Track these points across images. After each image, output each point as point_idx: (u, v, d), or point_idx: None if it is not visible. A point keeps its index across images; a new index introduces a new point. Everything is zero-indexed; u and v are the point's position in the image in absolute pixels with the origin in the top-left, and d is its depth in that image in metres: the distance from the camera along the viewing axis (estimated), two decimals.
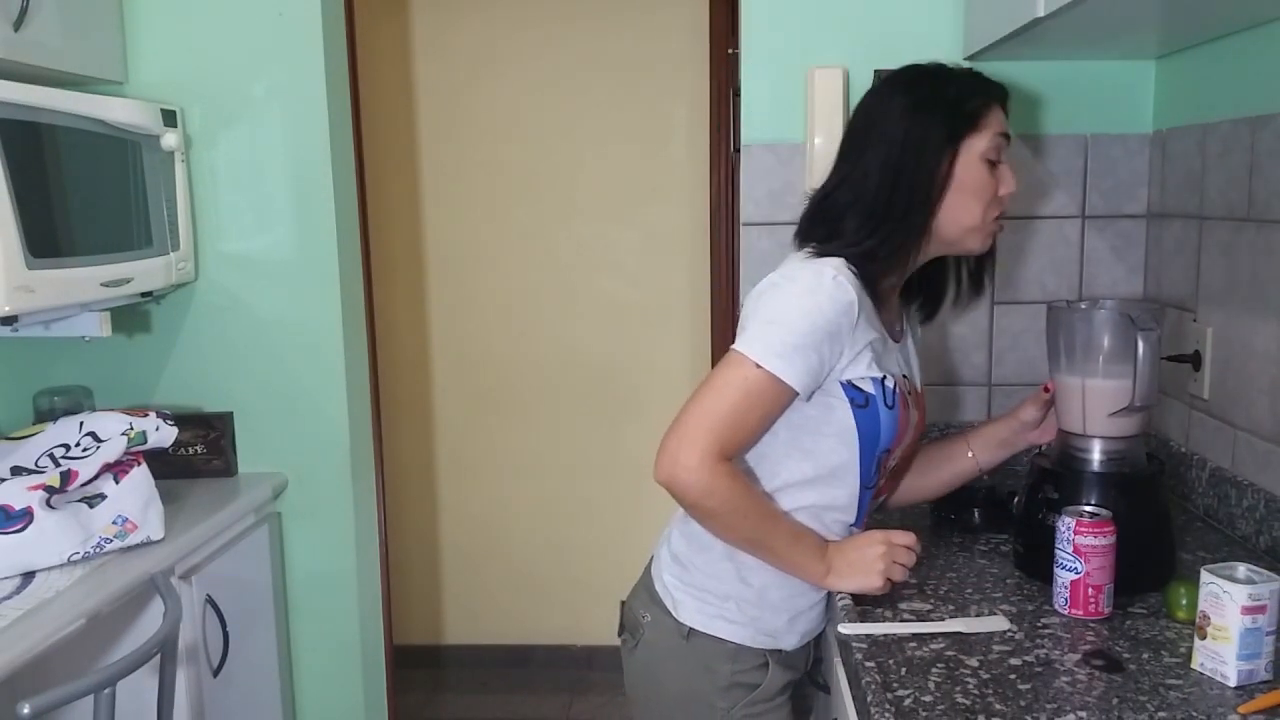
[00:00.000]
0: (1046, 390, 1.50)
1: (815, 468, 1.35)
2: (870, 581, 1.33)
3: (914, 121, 1.33)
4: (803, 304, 1.26)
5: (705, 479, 1.24)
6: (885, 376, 1.34)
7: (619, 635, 1.51)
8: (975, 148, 1.34)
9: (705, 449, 1.24)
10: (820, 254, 1.32)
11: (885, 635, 1.27)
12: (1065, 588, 1.32)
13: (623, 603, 1.52)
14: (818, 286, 1.27)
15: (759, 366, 1.25)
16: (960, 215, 1.35)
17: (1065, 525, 1.31)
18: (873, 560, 1.33)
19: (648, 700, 1.46)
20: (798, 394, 1.28)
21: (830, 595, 1.43)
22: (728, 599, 1.39)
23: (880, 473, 1.41)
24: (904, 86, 1.37)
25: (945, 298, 1.51)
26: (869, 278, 1.31)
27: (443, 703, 3.31)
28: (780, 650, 1.42)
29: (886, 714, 1.09)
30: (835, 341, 1.27)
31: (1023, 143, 2.00)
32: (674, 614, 1.41)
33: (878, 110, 1.38)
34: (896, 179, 1.32)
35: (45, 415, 2.08)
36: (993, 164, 1.36)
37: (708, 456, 1.24)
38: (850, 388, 1.32)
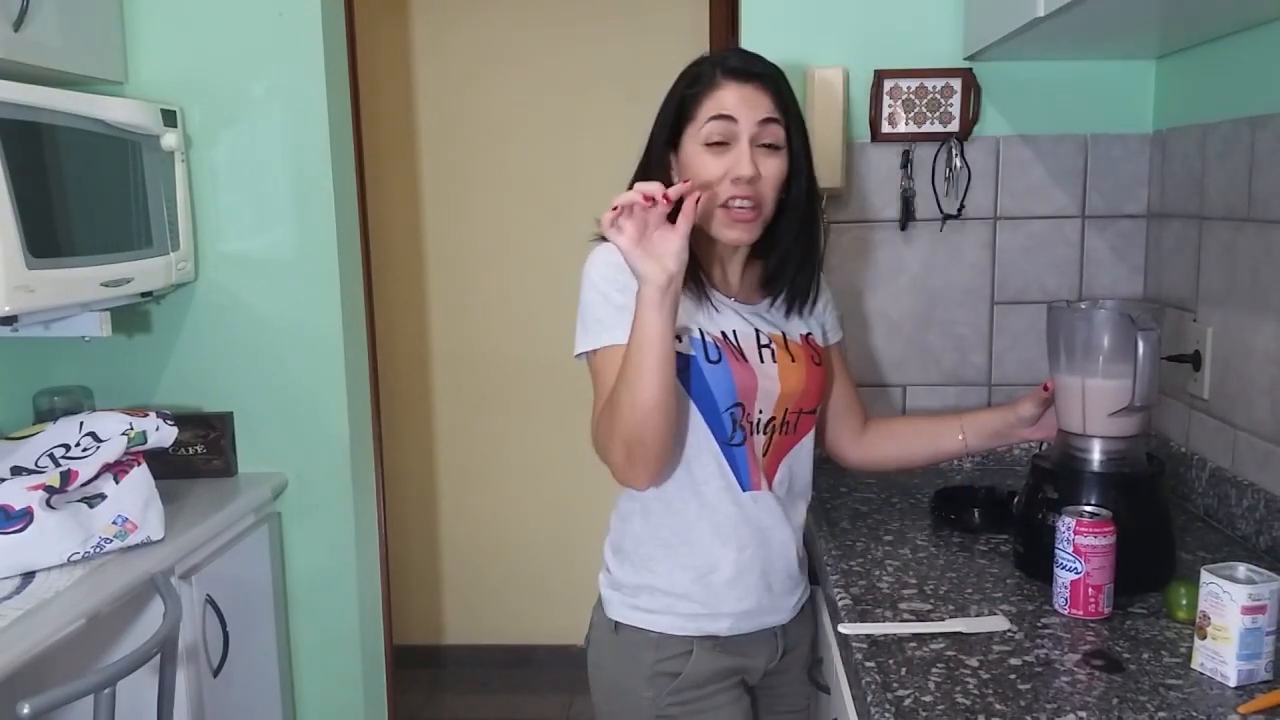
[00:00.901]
0: (1046, 389, 1.50)
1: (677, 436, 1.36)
2: (637, 264, 1.23)
3: (655, 123, 1.42)
4: (586, 284, 1.38)
5: (598, 449, 1.36)
6: (700, 331, 1.36)
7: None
8: (692, 136, 1.36)
9: (594, 436, 1.36)
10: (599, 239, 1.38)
11: (885, 635, 1.27)
12: (1065, 588, 1.32)
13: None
14: (589, 265, 1.39)
15: (593, 353, 1.36)
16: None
17: (1065, 525, 1.31)
18: (623, 250, 1.24)
19: (595, 696, 1.52)
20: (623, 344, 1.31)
21: (783, 586, 1.44)
22: (639, 590, 1.43)
23: (744, 428, 1.38)
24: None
25: (780, 275, 1.45)
26: None
27: (443, 703, 3.31)
28: (712, 637, 1.41)
29: (886, 714, 1.09)
30: (629, 288, 1.28)
31: (1022, 143, 2.01)
32: (606, 612, 1.47)
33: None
34: (643, 176, 1.40)
35: (45, 415, 2.08)
36: (720, 145, 1.33)
37: (594, 438, 1.36)
38: None
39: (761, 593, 1.43)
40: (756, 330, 1.41)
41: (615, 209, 1.22)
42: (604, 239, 1.31)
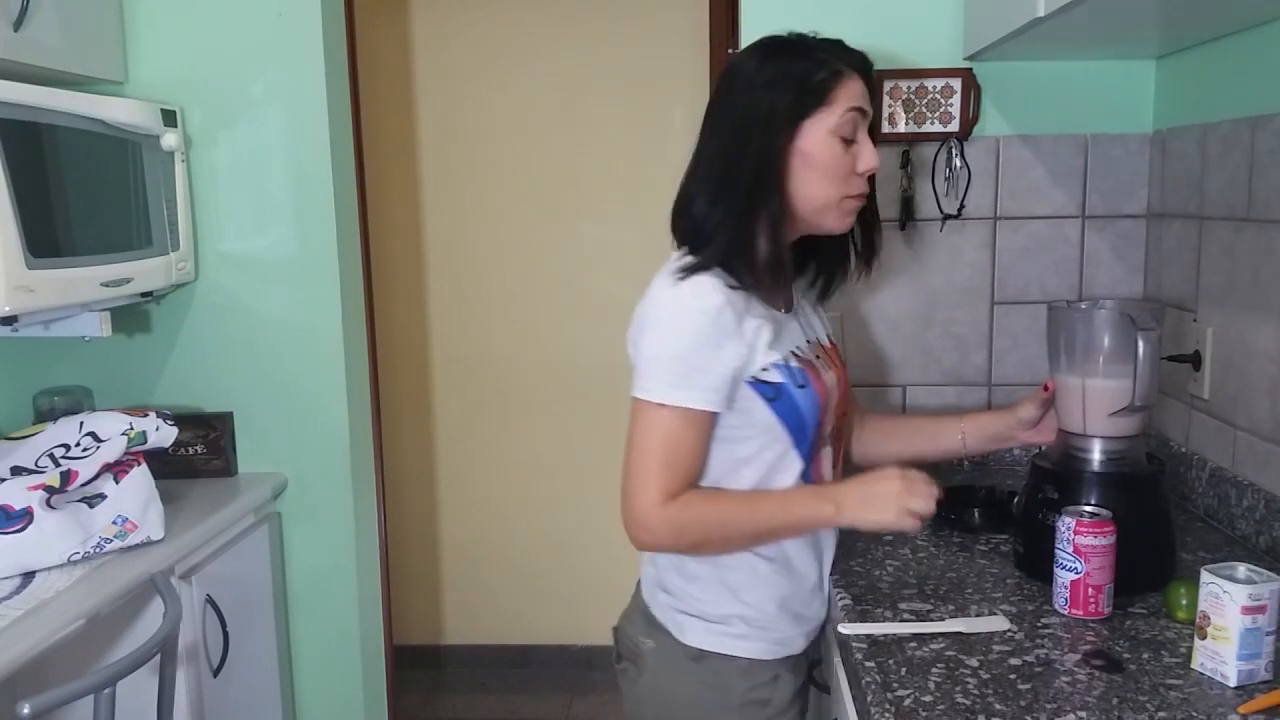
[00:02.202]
0: (1046, 389, 1.50)
1: (755, 471, 1.34)
2: (884, 516, 1.27)
3: (755, 99, 1.30)
4: (676, 327, 1.26)
5: (667, 528, 1.28)
6: (786, 357, 1.32)
7: (617, 664, 1.47)
8: (824, 123, 1.30)
9: (652, 504, 1.26)
10: (683, 271, 1.29)
11: (885, 635, 1.27)
12: (1065, 588, 1.32)
13: (615, 629, 1.49)
14: (682, 305, 1.26)
15: (663, 406, 1.26)
16: (811, 192, 1.31)
17: (1065, 525, 1.31)
18: (887, 495, 1.28)
19: None
20: (715, 413, 1.28)
21: (826, 586, 1.44)
22: (729, 618, 1.36)
23: (820, 442, 1.38)
24: (754, 62, 1.34)
25: (836, 277, 1.48)
26: (738, 271, 1.29)
27: (442, 703, 3.31)
28: (791, 656, 1.41)
29: (887, 714, 1.09)
30: (725, 345, 1.26)
31: (1022, 143, 2.00)
32: (678, 638, 1.38)
33: (725, 88, 1.36)
34: (736, 159, 1.30)
35: (45, 415, 2.08)
36: (847, 140, 1.31)
37: (657, 509, 1.26)
38: (758, 384, 1.30)
39: (822, 603, 1.44)
40: (807, 340, 1.41)
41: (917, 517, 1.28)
42: (691, 270, 1.28)
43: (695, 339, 1.25)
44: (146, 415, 1.84)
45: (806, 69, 1.30)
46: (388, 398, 3.17)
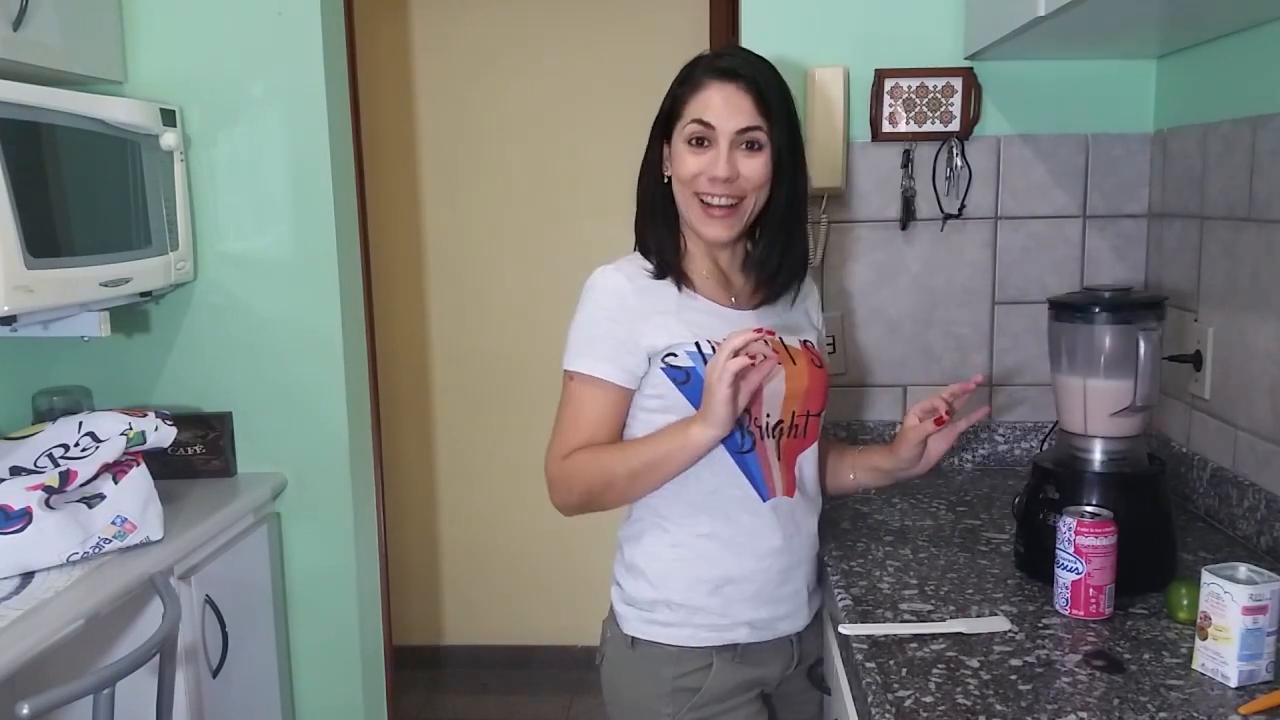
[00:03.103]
0: (978, 383, 1.50)
1: None
2: (720, 399, 1.26)
3: (655, 117, 1.46)
4: (583, 307, 1.41)
5: (559, 482, 1.40)
6: (700, 343, 1.36)
7: (596, 655, 1.54)
8: (679, 133, 1.39)
9: (550, 462, 1.41)
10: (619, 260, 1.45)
11: (886, 636, 1.27)
12: (1066, 588, 1.32)
13: (603, 623, 1.54)
14: (590, 287, 1.41)
15: (571, 375, 1.40)
16: (680, 202, 1.42)
17: (1066, 525, 1.31)
18: (711, 383, 1.28)
19: (612, 714, 1.50)
20: (619, 385, 1.38)
21: (795, 584, 1.45)
22: (655, 604, 1.41)
23: (752, 433, 1.39)
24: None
25: (762, 271, 1.48)
26: (662, 261, 1.42)
27: (442, 703, 3.31)
28: (732, 645, 1.41)
29: (887, 715, 1.09)
30: (620, 319, 1.37)
31: (1023, 142, 2.00)
32: (620, 627, 1.45)
33: None
34: (640, 176, 1.47)
35: (44, 415, 2.08)
36: (699, 143, 1.38)
37: (553, 465, 1.40)
38: (669, 369, 1.37)
39: (778, 600, 1.43)
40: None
41: (750, 357, 1.26)
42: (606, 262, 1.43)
43: (593, 312, 1.38)
44: (145, 415, 1.84)
45: (677, 83, 1.41)
46: (387, 398, 3.17)
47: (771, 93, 1.37)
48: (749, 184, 1.38)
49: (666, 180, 1.44)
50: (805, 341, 1.48)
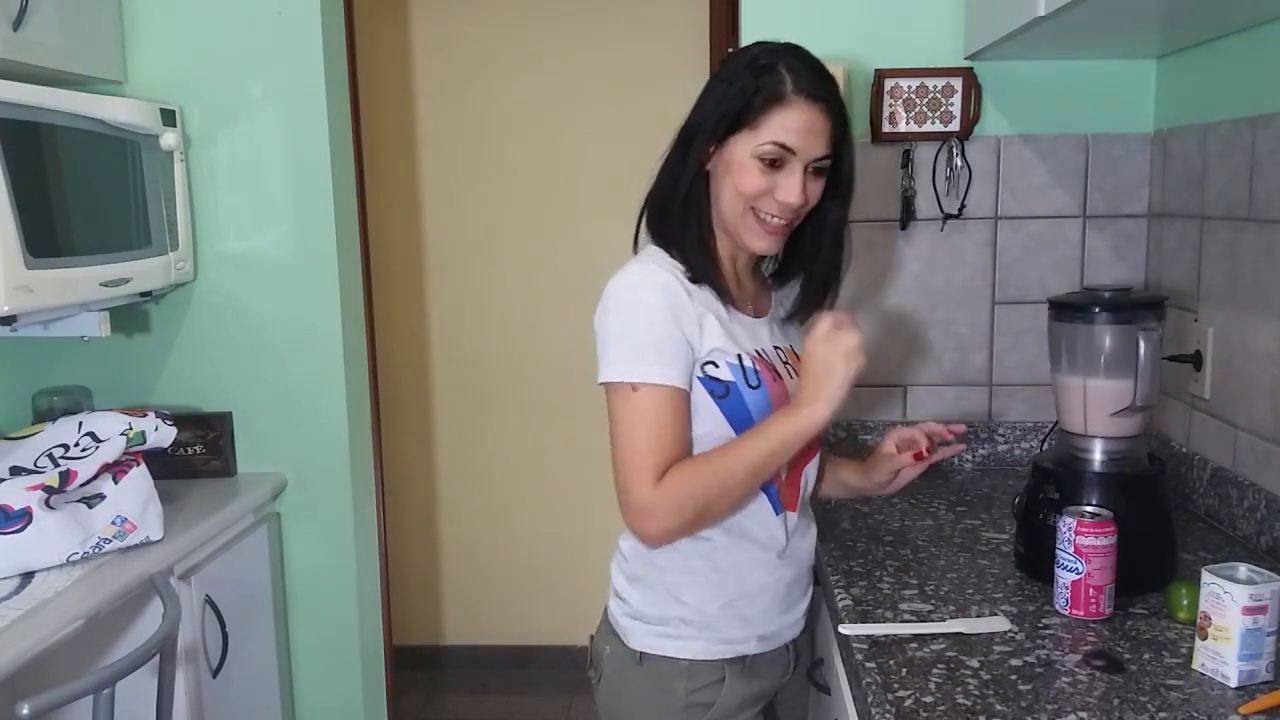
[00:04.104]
0: (958, 434, 1.47)
1: None
2: (838, 379, 1.23)
3: (703, 108, 1.33)
4: (631, 310, 1.28)
5: (668, 506, 1.24)
6: (741, 355, 1.31)
7: (587, 672, 1.48)
8: (746, 144, 1.29)
9: (647, 488, 1.24)
10: (634, 259, 1.35)
11: (886, 636, 1.27)
12: (1066, 588, 1.32)
13: (591, 638, 1.50)
14: (630, 285, 1.29)
15: (634, 387, 1.25)
16: (724, 204, 1.33)
17: (1066, 525, 1.31)
18: (828, 362, 1.24)
19: None
20: (685, 391, 1.27)
21: (798, 594, 1.42)
22: (668, 620, 1.35)
23: None
24: (728, 66, 1.34)
25: (808, 290, 1.44)
26: (690, 263, 1.32)
27: (442, 703, 3.31)
28: (742, 658, 1.37)
29: (887, 715, 1.09)
30: (676, 320, 1.27)
31: (1023, 142, 2.00)
32: (625, 642, 1.38)
33: (703, 90, 1.37)
34: (678, 162, 1.35)
35: (44, 415, 2.08)
36: (772, 164, 1.28)
37: (653, 492, 1.24)
38: (708, 380, 1.29)
39: (787, 610, 1.41)
40: (775, 345, 1.40)
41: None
42: (639, 253, 1.33)
43: (647, 314, 1.26)
44: (145, 415, 1.84)
45: (752, 86, 1.28)
46: (387, 398, 3.17)
47: (845, 115, 1.32)
48: (809, 206, 1.33)
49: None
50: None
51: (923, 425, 1.48)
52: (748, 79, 1.29)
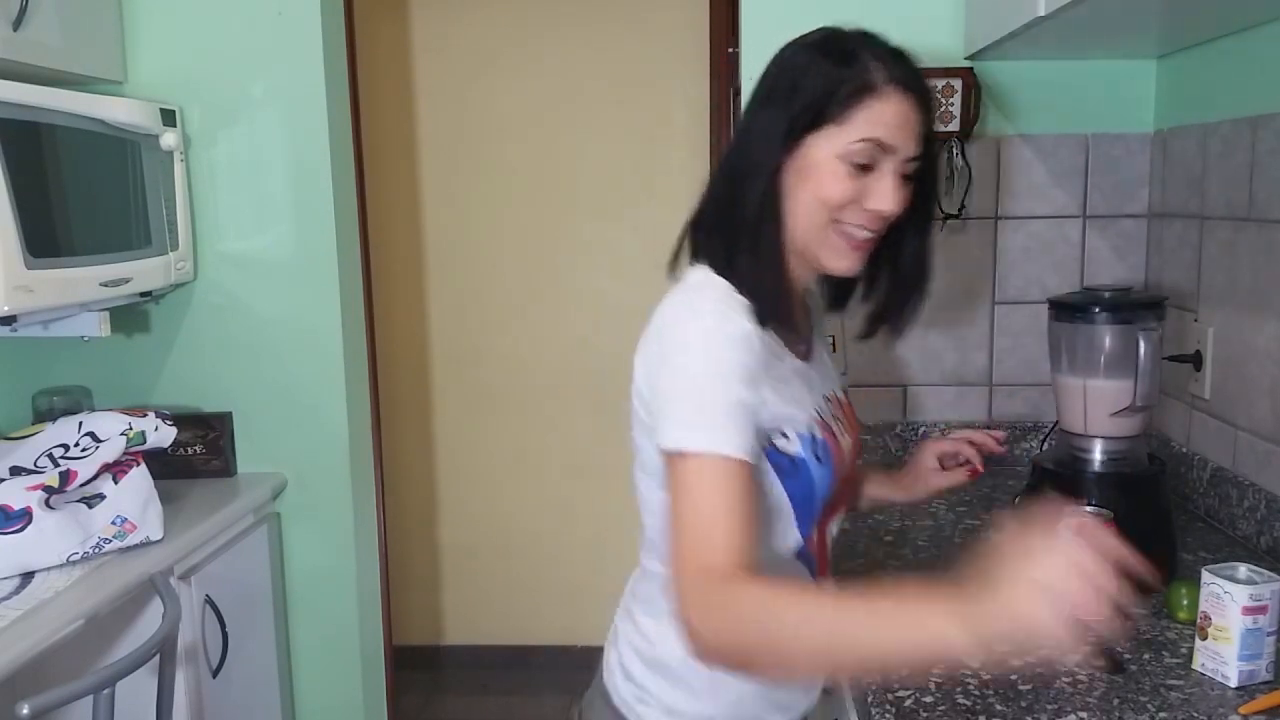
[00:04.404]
0: (971, 474, 1.34)
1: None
2: (1041, 633, 0.81)
3: (765, 102, 1.12)
4: (705, 361, 1.01)
5: (727, 609, 0.92)
6: (810, 424, 1.11)
7: None
8: (830, 143, 1.07)
9: (711, 573, 0.93)
10: (698, 291, 1.09)
11: None
12: None
13: (578, 710, 1.31)
14: (707, 329, 1.03)
15: (701, 456, 0.97)
16: (799, 212, 1.09)
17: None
18: (1051, 619, 0.80)
19: None
20: (753, 464, 1.00)
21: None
22: (700, 716, 1.15)
23: (824, 518, 1.18)
24: (793, 55, 1.14)
25: (888, 311, 1.24)
26: (760, 297, 1.08)
27: (442, 704, 3.31)
28: None
29: (888, 715, 1.09)
30: (753, 378, 1.02)
31: (1023, 142, 2.00)
32: None
33: (758, 85, 1.16)
34: (733, 176, 1.12)
35: (44, 415, 2.08)
36: (861, 168, 1.07)
37: (719, 583, 0.93)
38: (776, 454, 1.07)
39: (813, 684, 1.25)
40: (825, 396, 1.19)
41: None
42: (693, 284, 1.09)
43: (730, 370, 1.00)
44: (145, 415, 1.84)
45: (836, 75, 1.08)
46: (387, 398, 3.17)
47: (932, 109, 1.14)
48: (895, 216, 1.11)
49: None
50: (845, 391, 1.29)
51: (963, 434, 1.33)
52: (828, 66, 1.09)
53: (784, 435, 1.07)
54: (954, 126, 1.98)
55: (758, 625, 0.90)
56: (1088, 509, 1.34)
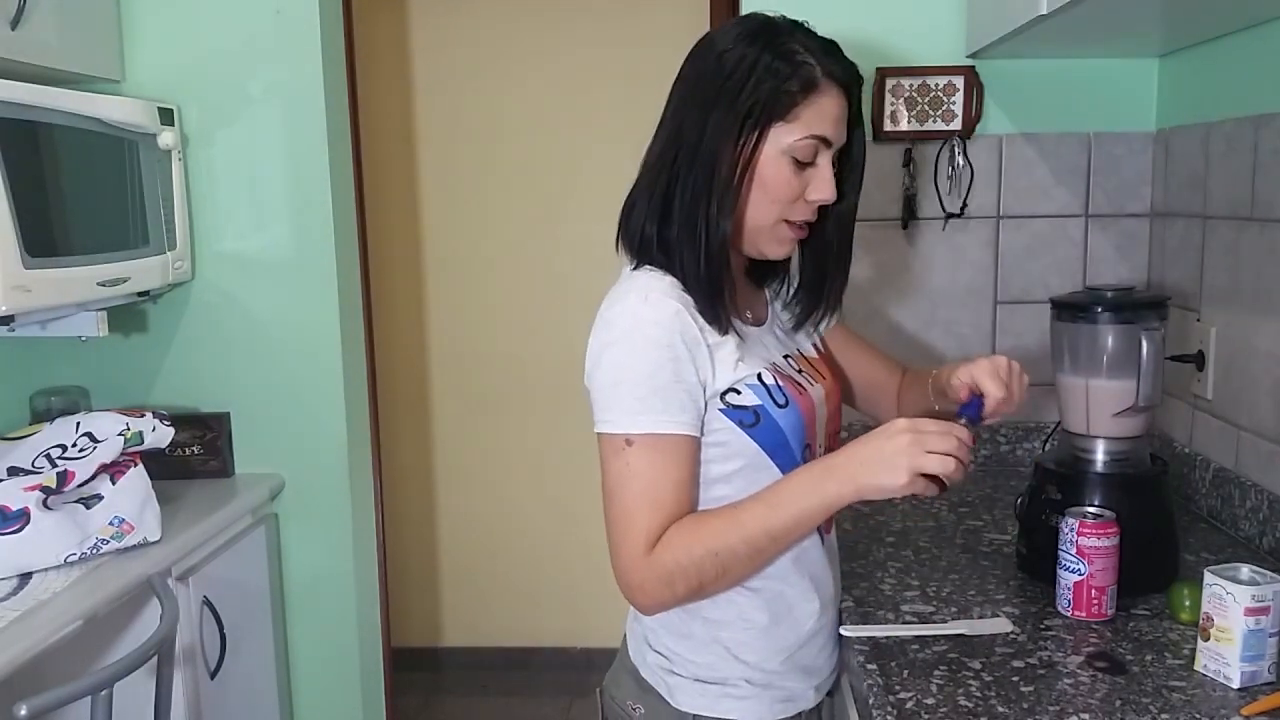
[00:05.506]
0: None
1: (733, 489, 1.15)
2: (892, 479, 1.03)
3: (707, 101, 1.13)
4: (631, 349, 1.10)
5: (656, 580, 1.08)
6: (761, 373, 1.16)
7: None
8: (779, 140, 1.12)
9: (637, 555, 1.08)
10: (631, 282, 1.16)
11: (887, 637, 1.27)
12: (1068, 589, 1.31)
13: (600, 691, 1.31)
14: (633, 317, 1.11)
15: (629, 441, 1.08)
16: (750, 211, 1.15)
17: (1068, 526, 1.30)
18: (895, 453, 1.03)
19: None
20: (694, 437, 1.11)
21: (832, 627, 1.27)
22: (728, 679, 1.19)
23: (812, 452, 1.21)
24: (726, 46, 1.16)
25: (818, 290, 1.27)
26: (701, 291, 1.13)
27: (441, 705, 3.30)
28: (802, 713, 1.24)
29: (889, 716, 1.08)
30: (688, 356, 1.10)
31: (1025, 141, 2.00)
32: (670, 701, 1.20)
33: (687, 75, 1.19)
34: (679, 173, 1.15)
35: (42, 416, 2.08)
36: (800, 163, 1.13)
37: (642, 560, 1.08)
38: (733, 410, 1.13)
39: (833, 649, 1.29)
40: (785, 355, 1.25)
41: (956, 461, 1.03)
42: (639, 281, 1.13)
43: (651, 355, 1.09)
44: (143, 416, 1.84)
45: (781, 74, 1.11)
46: (386, 398, 3.16)
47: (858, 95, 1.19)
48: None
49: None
50: (815, 345, 1.34)
51: (983, 377, 1.21)
52: (773, 63, 1.11)
53: (736, 392, 1.14)
54: (956, 125, 1.97)
55: (685, 574, 1.07)
56: (1090, 510, 1.33)
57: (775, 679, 1.21)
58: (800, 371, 1.24)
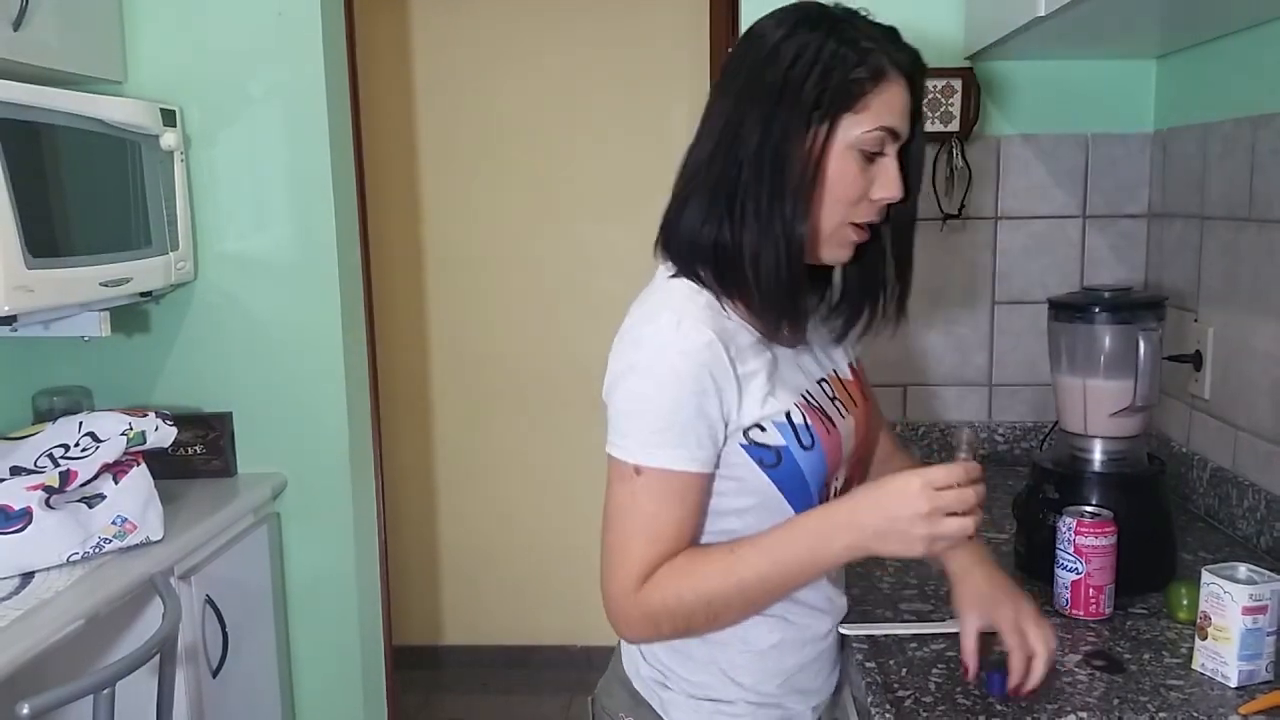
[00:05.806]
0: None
1: (742, 524, 1.11)
2: (908, 549, 0.99)
3: (770, 87, 1.03)
4: (656, 373, 1.03)
5: (640, 618, 1.05)
6: (790, 411, 1.08)
7: None
8: (846, 134, 1.04)
9: (626, 590, 1.04)
10: (665, 298, 1.08)
11: (886, 636, 1.27)
12: (1066, 588, 1.32)
13: (591, 700, 1.28)
14: (662, 344, 1.03)
15: (639, 471, 1.03)
16: (816, 214, 1.06)
17: (1066, 525, 1.31)
18: (910, 520, 0.98)
19: None
20: (706, 474, 1.06)
21: (834, 649, 1.25)
22: (722, 700, 1.16)
23: (829, 490, 1.15)
24: (781, 35, 1.05)
25: (863, 315, 1.19)
26: (739, 299, 1.08)
27: (442, 703, 3.31)
28: None
29: (887, 715, 1.08)
30: (714, 390, 1.03)
31: (1023, 142, 2.00)
32: (664, 716, 1.18)
33: (737, 67, 1.08)
34: (742, 164, 1.05)
35: (44, 415, 2.08)
36: (868, 156, 1.05)
37: (630, 596, 1.04)
38: (754, 448, 1.07)
39: (833, 668, 1.25)
40: (820, 379, 1.17)
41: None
42: (675, 298, 1.07)
43: (677, 388, 1.02)
44: (146, 415, 1.84)
45: (845, 59, 1.02)
46: (387, 398, 3.17)
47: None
48: None
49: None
50: (852, 365, 1.26)
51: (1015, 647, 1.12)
52: (839, 48, 1.02)
53: (760, 429, 1.07)
54: (954, 126, 1.98)
55: (673, 617, 1.04)
56: (1088, 509, 1.34)
57: (772, 699, 1.17)
58: (834, 399, 1.16)
